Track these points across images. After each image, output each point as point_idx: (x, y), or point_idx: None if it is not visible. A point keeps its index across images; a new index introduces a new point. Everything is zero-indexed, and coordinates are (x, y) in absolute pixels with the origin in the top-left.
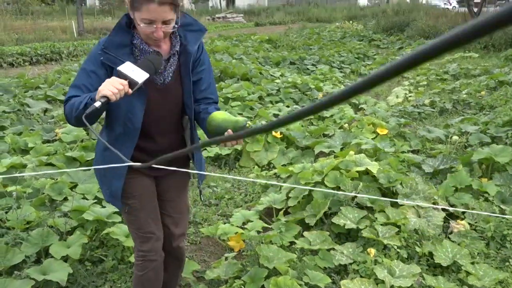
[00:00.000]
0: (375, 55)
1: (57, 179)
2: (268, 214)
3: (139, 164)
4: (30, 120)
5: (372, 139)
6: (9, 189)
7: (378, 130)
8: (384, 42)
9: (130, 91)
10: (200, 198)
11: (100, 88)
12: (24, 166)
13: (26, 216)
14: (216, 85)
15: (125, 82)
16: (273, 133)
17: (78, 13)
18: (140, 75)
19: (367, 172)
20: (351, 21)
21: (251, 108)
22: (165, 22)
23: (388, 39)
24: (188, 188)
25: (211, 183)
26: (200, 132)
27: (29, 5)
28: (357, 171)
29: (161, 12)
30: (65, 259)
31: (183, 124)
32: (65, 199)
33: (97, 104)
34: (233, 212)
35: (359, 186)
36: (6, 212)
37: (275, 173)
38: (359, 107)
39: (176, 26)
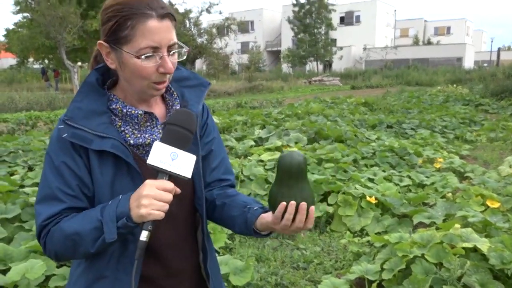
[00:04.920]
0: (483, 120)
1: None
2: (360, 285)
3: None
4: None
5: (480, 212)
6: None
7: (488, 203)
8: (493, 107)
9: (179, 190)
10: None
11: (141, 211)
12: None
13: None
14: (310, 146)
15: (171, 186)
16: (367, 197)
17: None
18: (185, 163)
19: (475, 249)
20: (454, 85)
21: (345, 171)
22: (169, 49)
23: (498, 104)
24: None
25: (300, 245)
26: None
27: None
28: (463, 248)
29: (164, 31)
30: None
31: (196, 223)
32: None
33: (144, 237)
34: (322, 278)
35: (466, 265)
36: None
37: (368, 241)
38: (465, 175)
39: (186, 50)
